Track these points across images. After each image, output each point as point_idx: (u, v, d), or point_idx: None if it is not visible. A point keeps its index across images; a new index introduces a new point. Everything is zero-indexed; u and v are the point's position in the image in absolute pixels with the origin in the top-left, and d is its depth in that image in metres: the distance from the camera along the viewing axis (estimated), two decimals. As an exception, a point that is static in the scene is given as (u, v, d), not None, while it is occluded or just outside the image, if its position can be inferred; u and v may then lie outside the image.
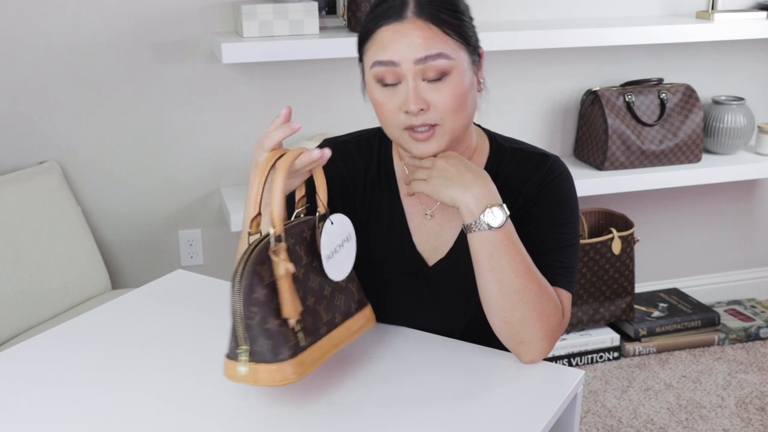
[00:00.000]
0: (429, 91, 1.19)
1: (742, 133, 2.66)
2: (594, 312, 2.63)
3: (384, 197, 1.35)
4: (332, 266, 1.11)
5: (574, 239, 1.29)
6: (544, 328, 1.19)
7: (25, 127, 2.26)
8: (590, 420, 2.33)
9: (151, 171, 2.39)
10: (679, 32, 2.46)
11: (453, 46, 1.19)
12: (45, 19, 2.21)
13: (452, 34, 1.19)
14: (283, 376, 1.01)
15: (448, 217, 1.33)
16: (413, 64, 1.17)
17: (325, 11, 2.39)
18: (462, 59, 1.21)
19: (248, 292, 1.00)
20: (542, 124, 2.68)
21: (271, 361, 1.01)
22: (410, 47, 1.17)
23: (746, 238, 3.05)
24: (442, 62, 1.18)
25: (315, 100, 2.43)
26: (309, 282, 1.08)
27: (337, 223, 1.13)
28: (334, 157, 1.35)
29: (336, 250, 1.11)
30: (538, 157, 1.32)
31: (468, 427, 1.05)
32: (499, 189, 1.29)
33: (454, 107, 1.20)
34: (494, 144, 1.35)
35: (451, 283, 1.32)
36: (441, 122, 1.21)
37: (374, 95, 1.23)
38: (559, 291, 1.25)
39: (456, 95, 1.19)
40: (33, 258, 2.06)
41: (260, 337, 1.01)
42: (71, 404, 1.11)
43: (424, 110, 1.19)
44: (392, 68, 1.18)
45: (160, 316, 1.37)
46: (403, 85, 1.19)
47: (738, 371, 2.58)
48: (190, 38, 2.31)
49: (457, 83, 1.19)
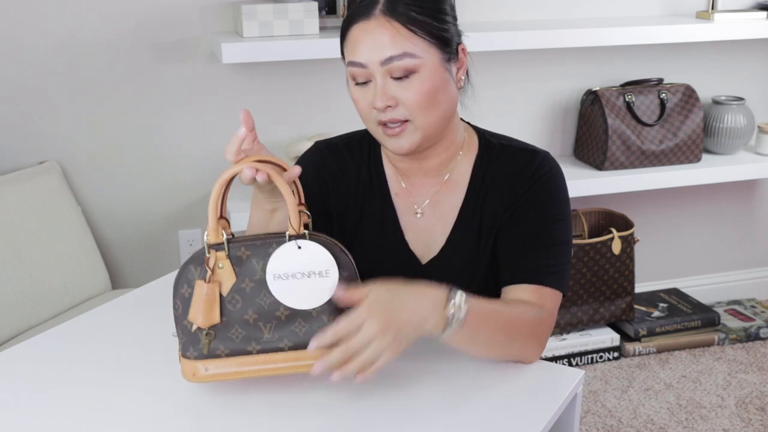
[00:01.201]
0: (397, 88, 1.21)
1: (742, 133, 2.66)
2: (594, 312, 2.63)
3: (375, 197, 1.36)
4: (281, 289, 1.05)
5: (566, 236, 1.29)
6: (533, 344, 1.21)
7: (25, 127, 2.26)
8: (590, 420, 2.33)
9: (151, 171, 2.39)
10: (679, 32, 2.46)
11: (421, 45, 1.20)
12: (45, 19, 2.21)
13: (419, 32, 1.20)
14: (186, 372, 1.09)
15: (439, 214, 1.33)
16: (379, 65, 1.20)
17: (325, 11, 2.39)
18: (432, 57, 1.21)
19: (178, 286, 1.08)
20: (542, 124, 2.68)
21: (183, 355, 1.10)
22: (376, 48, 1.20)
23: (746, 238, 3.05)
24: (408, 61, 1.19)
25: (315, 100, 2.43)
26: (257, 298, 1.07)
27: (307, 250, 1.06)
28: (328, 159, 1.37)
29: (294, 276, 1.05)
30: (527, 153, 1.32)
31: (468, 427, 1.05)
32: (488, 186, 1.30)
33: (422, 104, 1.21)
34: (483, 140, 1.35)
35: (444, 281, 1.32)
36: (411, 118, 1.22)
37: (352, 93, 1.27)
38: (544, 290, 1.24)
39: (423, 92, 1.21)
40: (33, 258, 2.06)
41: (180, 330, 1.10)
42: (71, 404, 1.11)
43: (392, 107, 1.21)
44: (362, 69, 1.22)
45: (160, 316, 1.37)
46: (373, 83, 1.22)
47: (738, 371, 2.58)
48: (190, 38, 2.31)
49: (424, 80, 1.20)
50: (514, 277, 1.26)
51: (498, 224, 1.30)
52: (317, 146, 1.40)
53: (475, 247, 1.31)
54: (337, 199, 1.35)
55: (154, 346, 1.27)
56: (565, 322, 2.61)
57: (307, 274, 1.06)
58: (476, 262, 1.32)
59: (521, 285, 1.25)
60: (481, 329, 1.14)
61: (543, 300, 1.24)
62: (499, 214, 1.30)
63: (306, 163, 1.37)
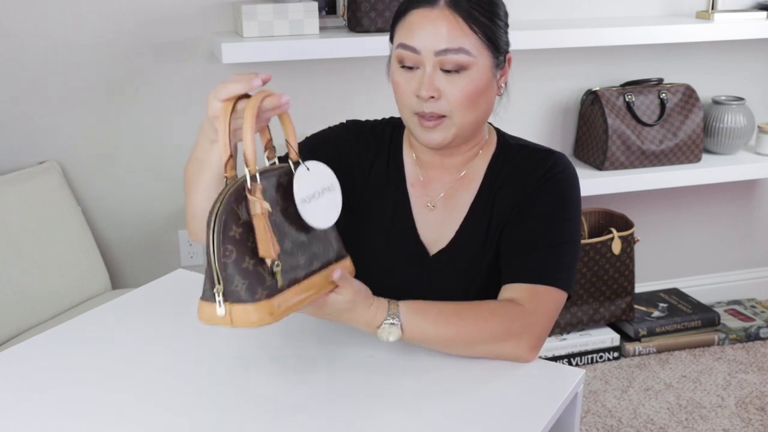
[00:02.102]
0: (444, 81, 1.22)
1: (742, 133, 2.66)
2: (594, 312, 2.63)
3: (390, 185, 1.37)
4: (309, 211, 1.06)
5: (572, 236, 1.29)
6: (514, 343, 1.19)
7: (25, 127, 2.26)
8: (590, 420, 2.33)
9: (151, 171, 2.39)
10: (679, 32, 2.46)
11: (477, 45, 1.21)
12: (45, 19, 2.21)
13: (479, 32, 1.21)
14: (258, 317, 0.98)
15: (450, 208, 1.34)
16: (433, 54, 1.21)
17: (325, 11, 2.39)
18: (484, 59, 1.23)
19: (224, 230, 0.97)
20: (542, 124, 2.68)
21: (247, 300, 0.98)
22: (434, 37, 1.20)
23: (746, 238, 3.05)
24: (462, 57, 1.20)
25: (315, 100, 2.43)
26: (285, 228, 1.05)
27: (314, 170, 1.09)
28: (349, 135, 1.38)
29: (314, 196, 1.08)
30: (542, 153, 1.33)
31: (468, 427, 1.05)
32: (500, 183, 1.31)
33: (465, 103, 1.22)
34: (501, 140, 1.37)
35: (449, 273, 1.33)
36: (450, 114, 1.23)
37: (394, 75, 1.27)
38: (537, 288, 1.23)
39: (469, 91, 1.22)
40: (33, 258, 2.06)
41: (236, 276, 0.97)
42: (71, 404, 1.11)
43: (435, 98, 1.22)
44: (413, 54, 1.22)
45: (160, 316, 1.37)
46: (421, 71, 1.22)
47: (738, 371, 2.58)
48: (190, 38, 2.31)
49: (472, 79, 1.22)
50: (510, 276, 1.27)
51: (505, 220, 1.31)
52: (346, 122, 1.43)
53: (482, 243, 1.32)
54: (346, 174, 1.35)
55: (154, 346, 1.27)
56: (565, 322, 2.61)
57: (321, 191, 1.09)
58: (482, 256, 1.32)
59: (515, 284, 1.25)
60: (426, 341, 1.19)
61: (535, 299, 1.23)
62: (508, 210, 1.31)
63: (329, 129, 1.41)
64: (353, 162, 1.37)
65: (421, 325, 1.17)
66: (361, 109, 2.45)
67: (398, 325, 1.15)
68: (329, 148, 1.36)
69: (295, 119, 2.77)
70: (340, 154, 1.36)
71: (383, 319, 1.15)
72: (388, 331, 1.15)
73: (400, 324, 1.15)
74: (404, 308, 1.17)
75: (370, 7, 2.20)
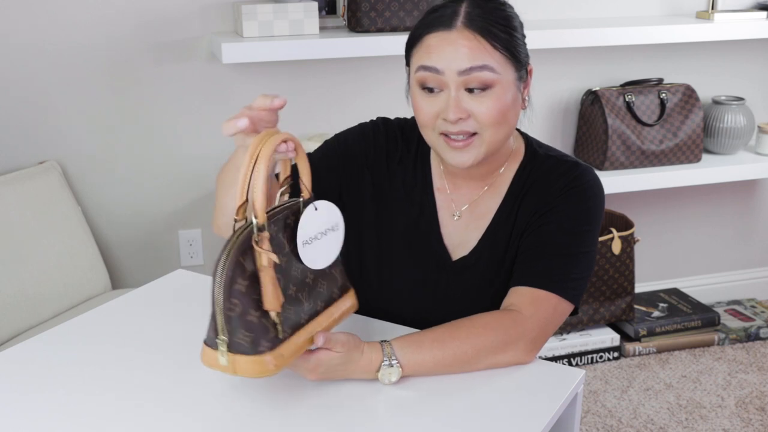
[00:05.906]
0: (471, 101, 1.20)
1: (742, 133, 2.66)
2: (594, 312, 2.63)
3: (417, 188, 1.36)
4: (309, 253, 1.07)
5: (587, 248, 1.28)
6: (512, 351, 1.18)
7: (25, 127, 2.26)
8: (590, 420, 2.33)
9: (151, 171, 2.39)
10: (679, 32, 2.46)
11: (499, 60, 1.20)
12: (45, 19, 2.21)
13: (500, 48, 1.20)
14: (262, 368, 1.00)
15: (475, 217, 1.34)
16: (457, 74, 1.19)
17: (325, 11, 2.39)
18: (508, 74, 1.22)
19: (230, 284, 0.97)
20: (542, 124, 2.68)
21: (251, 353, 0.99)
22: (456, 57, 1.18)
23: (746, 238, 3.05)
24: (487, 75, 1.19)
25: (315, 100, 2.43)
26: (291, 270, 1.06)
27: (322, 209, 1.09)
28: (378, 133, 1.37)
29: (317, 237, 1.08)
30: (568, 164, 1.32)
31: (468, 427, 1.05)
32: (526, 192, 1.31)
33: (495, 120, 1.21)
34: (529, 149, 1.36)
35: (469, 279, 1.33)
36: (480, 132, 1.22)
37: (416, 99, 1.24)
38: (539, 293, 1.23)
39: (497, 109, 1.20)
40: (33, 258, 2.06)
41: (240, 329, 0.99)
42: (71, 404, 1.11)
43: (463, 119, 1.20)
44: (436, 75, 1.20)
45: (160, 316, 1.37)
46: (445, 93, 1.20)
47: (738, 371, 2.59)
48: (190, 38, 2.31)
49: (499, 96, 1.20)
50: (517, 279, 1.26)
51: (525, 227, 1.30)
52: (376, 120, 1.41)
53: (504, 250, 1.32)
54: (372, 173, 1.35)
55: (155, 346, 1.27)
56: (565, 322, 2.61)
57: (324, 232, 1.09)
58: (502, 263, 1.32)
59: (520, 287, 1.25)
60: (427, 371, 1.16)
61: (534, 304, 1.22)
62: (529, 218, 1.30)
63: (359, 127, 1.39)
64: (380, 161, 1.36)
65: (419, 357, 1.15)
66: (361, 109, 2.45)
67: (396, 365, 1.14)
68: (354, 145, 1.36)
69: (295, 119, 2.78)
70: (367, 155, 1.36)
71: (380, 362, 1.13)
72: (389, 373, 1.13)
73: (398, 362, 1.14)
74: (398, 345, 1.15)
75: (370, 7, 2.20)
